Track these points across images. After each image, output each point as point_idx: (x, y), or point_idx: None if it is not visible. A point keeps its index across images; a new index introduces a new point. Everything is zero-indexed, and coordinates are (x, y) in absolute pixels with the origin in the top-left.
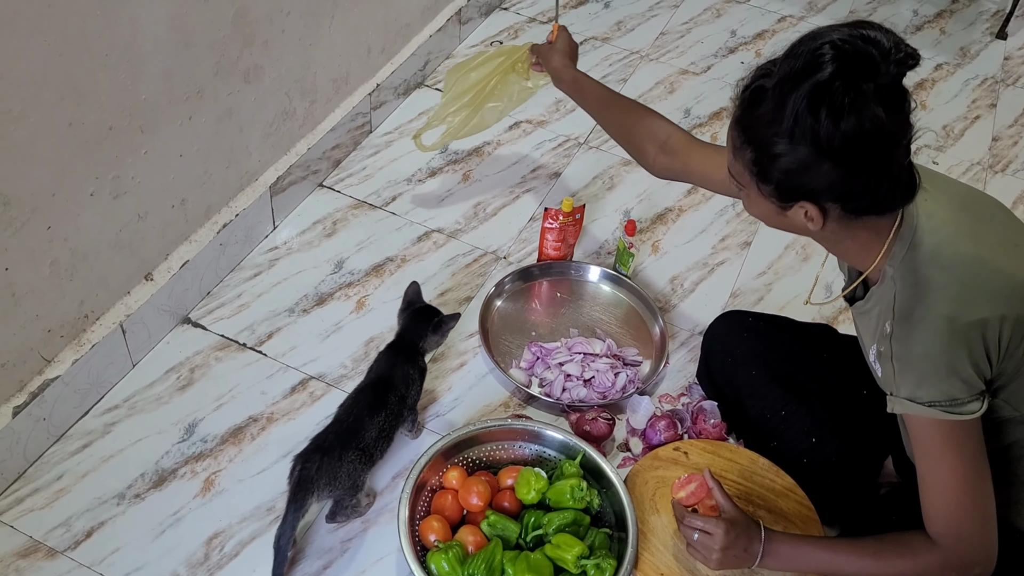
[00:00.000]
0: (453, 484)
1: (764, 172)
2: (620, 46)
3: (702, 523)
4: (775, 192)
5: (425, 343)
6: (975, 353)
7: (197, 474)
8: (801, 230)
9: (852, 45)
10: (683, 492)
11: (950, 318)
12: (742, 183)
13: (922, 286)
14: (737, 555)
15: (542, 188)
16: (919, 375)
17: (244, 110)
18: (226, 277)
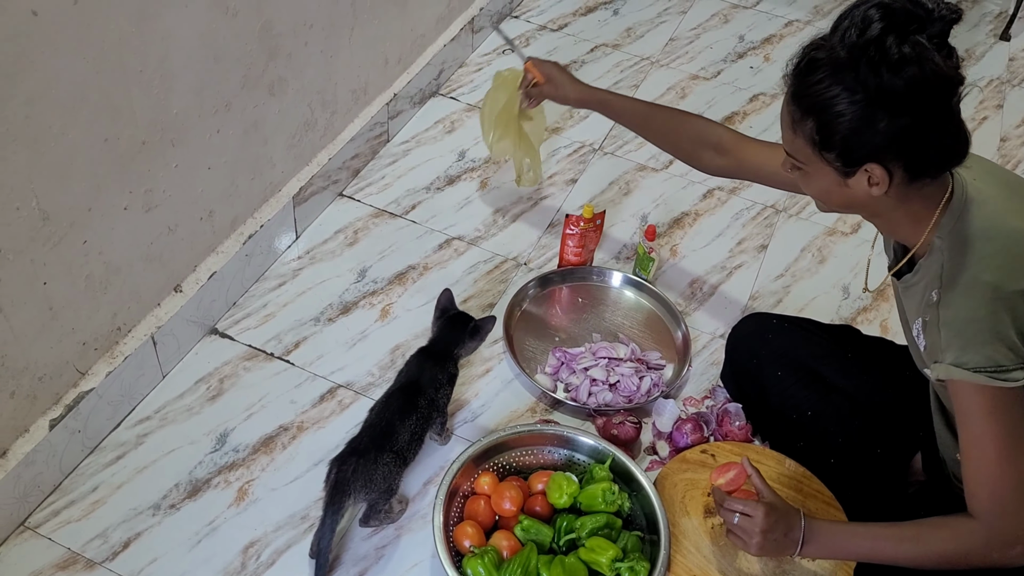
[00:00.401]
0: (485, 490)
1: (827, 138)
2: (630, 52)
3: (743, 506)
4: (839, 159)
5: (462, 349)
6: (1020, 321)
7: (230, 484)
8: (861, 202)
9: (899, 3)
10: (722, 479)
11: (995, 286)
12: (802, 160)
13: (969, 254)
14: (778, 539)
15: (559, 195)
16: (965, 339)
17: (269, 122)
18: (251, 287)
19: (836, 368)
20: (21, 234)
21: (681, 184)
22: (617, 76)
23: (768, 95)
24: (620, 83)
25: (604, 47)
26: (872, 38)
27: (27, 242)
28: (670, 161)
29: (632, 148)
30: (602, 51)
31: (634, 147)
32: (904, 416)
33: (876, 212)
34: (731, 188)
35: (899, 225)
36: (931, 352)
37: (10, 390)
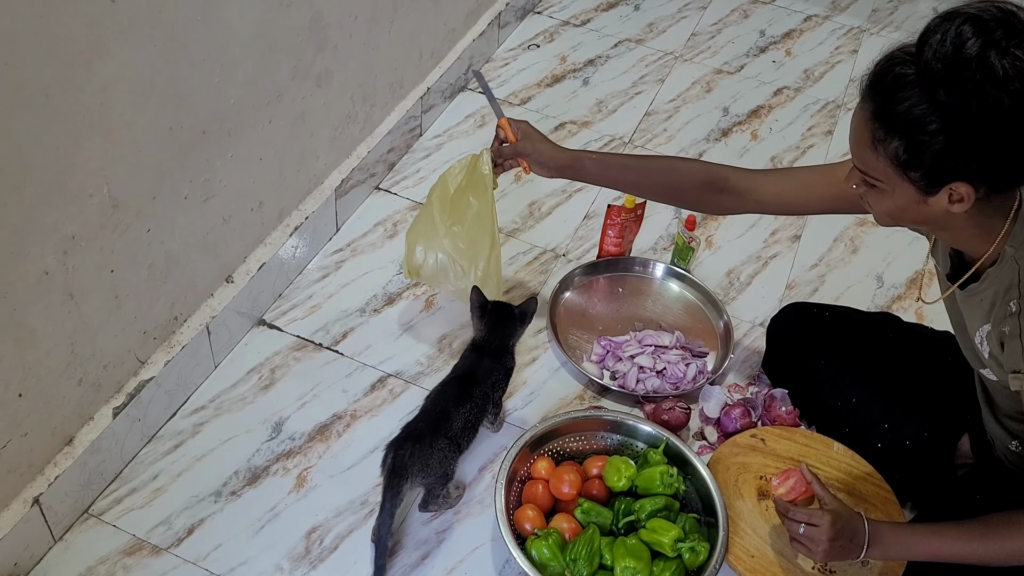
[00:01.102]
0: (543, 474)
1: (915, 157)
2: (654, 47)
3: (807, 515)
4: (924, 178)
5: (515, 339)
6: None
7: (289, 471)
8: (936, 219)
9: (990, 15)
10: (783, 488)
11: None
12: (879, 179)
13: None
14: (844, 546)
15: (593, 187)
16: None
17: (315, 114)
18: (296, 279)
19: (878, 355)
20: (92, 221)
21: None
22: (642, 71)
23: (792, 89)
24: (646, 77)
25: (628, 42)
26: (972, 55)
27: (97, 229)
28: (700, 154)
29: (662, 142)
30: (626, 46)
31: (663, 140)
32: (949, 400)
33: (946, 226)
34: None
35: (968, 237)
36: (1010, 361)
37: (78, 377)
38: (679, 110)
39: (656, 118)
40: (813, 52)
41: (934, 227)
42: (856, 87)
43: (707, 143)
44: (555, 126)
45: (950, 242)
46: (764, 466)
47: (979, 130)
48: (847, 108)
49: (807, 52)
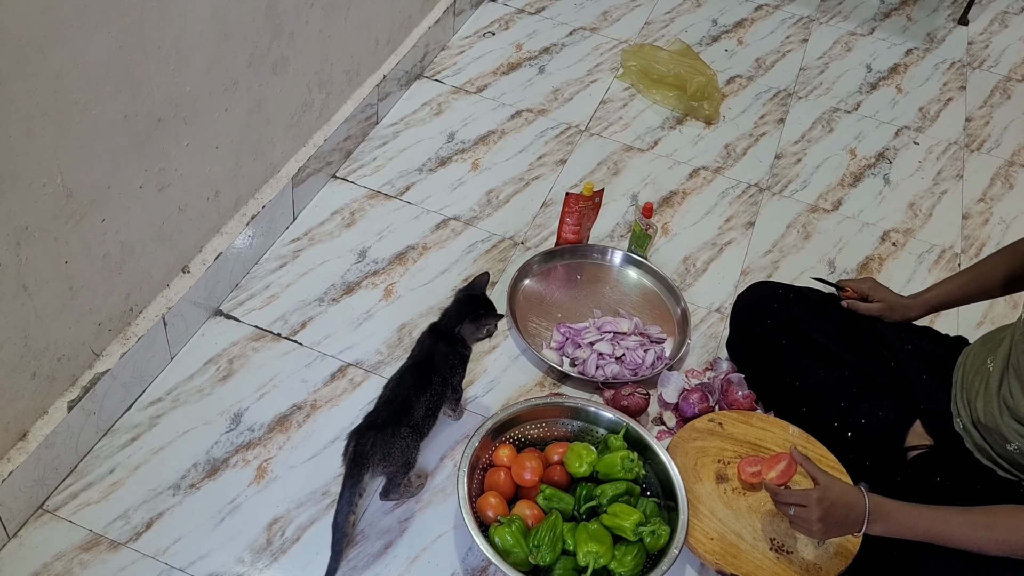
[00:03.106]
0: (504, 461)
1: None
2: (608, 35)
3: (795, 497)
4: None
5: (461, 330)
6: None
7: (249, 462)
8: None
9: None
10: (773, 472)
11: None
12: None
13: None
14: (839, 521)
15: (550, 175)
16: None
17: (271, 102)
18: (253, 269)
19: (838, 337)
20: (46, 211)
21: (667, 164)
22: (597, 59)
23: (744, 77)
24: (601, 65)
25: (582, 30)
26: None
27: (51, 219)
28: (655, 141)
29: (618, 129)
30: (580, 34)
31: (619, 128)
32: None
33: None
34: (715, 168)
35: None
36: None
37: (31, 370)
38: (634, 98)
39: (612, 106)
40: (764, 41)
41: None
42: (807, 76)
43: (662, 131)
44: (511, 114)
45: None
46: (722, 450)
47: None
48: (798, 96)
49: (759, 41)
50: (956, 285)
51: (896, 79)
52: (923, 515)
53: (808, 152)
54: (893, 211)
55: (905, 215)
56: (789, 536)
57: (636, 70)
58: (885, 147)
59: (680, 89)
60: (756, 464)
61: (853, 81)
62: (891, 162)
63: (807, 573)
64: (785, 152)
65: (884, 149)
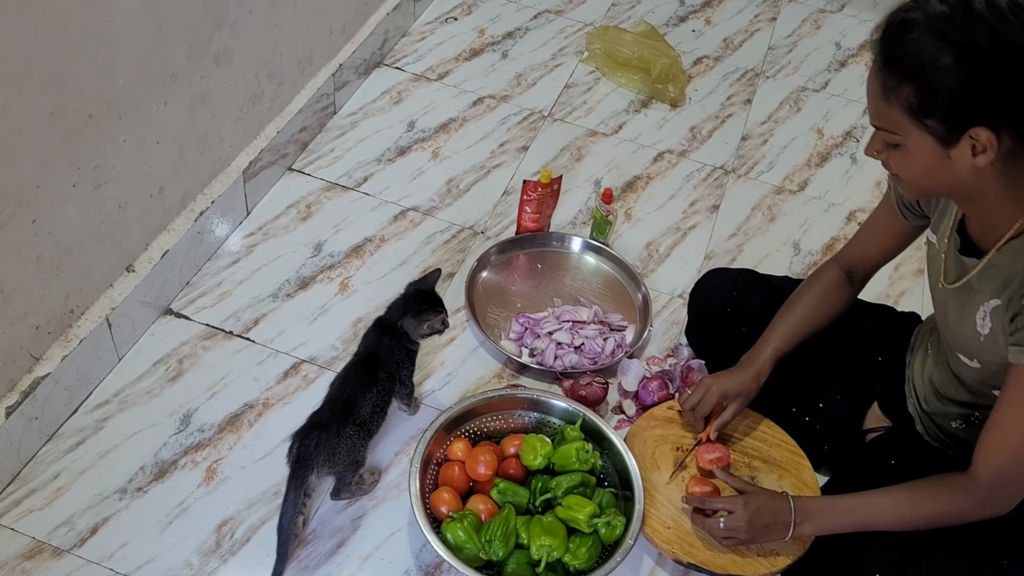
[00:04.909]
0: (459, 456)
1: (929, 100)
2: (574, 18)
3: (721, 503)
4: (943, 123)
5: (404, 324)
6: None
7: (198, 464)
8: (962, 179)
9: None
10: (698, 488)
11: None
12: (897, 132)
13: None
14: (768, 525)
15: (512, 162)
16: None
17: (216, 94)
18: (204, 265)
19: None
20: None
21: (632, 148)
22: (562, 42)
23: (711, 58)
24: (566, 49)
25: (547, 13)
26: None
27: None
28: (619, 125)
29: (582, 114)
30: (545, 17)
31: (583, 112)
32: (861, 366)
33: (974, 193)
34: (680, 151)
35: (995, 207)
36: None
37: None
38: (599, 81)
39: (576, 90)
40: (732, 20)
41: (962, 195)
42: (775, 55)
43: (627, 114)
44: (473, 101)
45: (976, 214)
46: (681, 437)
47: (991, 67)
48: (766, 76)
49: (726, 21)
50: (788, 331)
51: (865, 56)
52: (848, 506)
53: (775, 133)
54: (860, 191)
55: (872, 194)
56: None
57: (601, 53)
58: (853, 126)
59: (645, 72)
60: (715, 451)
61: (822, 59)
62: (859, 141)
63: (765, 559)
64: (752, 133)
65: (852, 128)
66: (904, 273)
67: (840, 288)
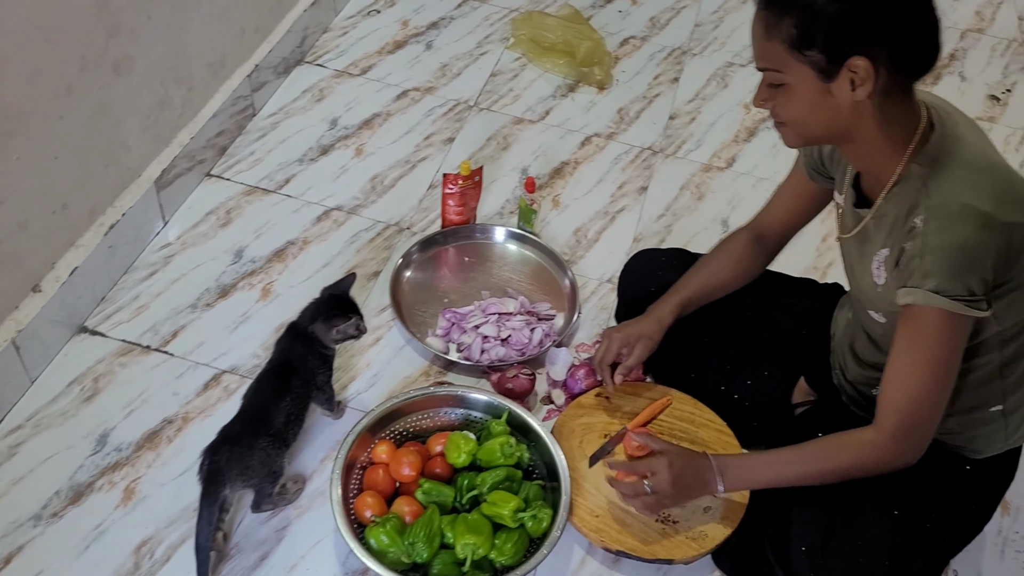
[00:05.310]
0: (383, 458)
1: (807, 31)
2: (499, 5)
3: (644, 465)
4: (822, 52)
5: (314, 330)
6: (999, 254)
7: (116, 484)
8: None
9: None
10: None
11: (988, 215)
12: (780, 68)
13: (961, 183)
14: (690, 484)
15: (437, 155)
16: (953, 267)
17: (118, 104)
18: (120, 280)
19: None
20: None
21: (559, 134)
22: (487, 30)
23: (638, 38)
24: (491, 37)
25: (472, 1)
26: None
27: None
28: (546, 111)
29: (508, 102)
30: (470, 5)
31: (509, 100)
32: (787, 343)
33: (855, 134)
34: (608, 134)
35: (875, 151)
36: (905, 276)
37: None
38: (525, 68)
39: (502, 78)
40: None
41: (845, 137)
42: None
43: (554, 99)
44: (397, 95)
45: (858, 159)
46: (608, 424)
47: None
48: (693, 54)
49: (650, 3)
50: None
51: None
52: (763, 462)
53: (702, 110)
54: (787, 164)
55: None
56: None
57: (526, 39)
58: None
59: (570, 56)
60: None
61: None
62: None
63: (694, 541)
64: (679, 112)
65: None
66: (831, 244)
67: (749, 251)
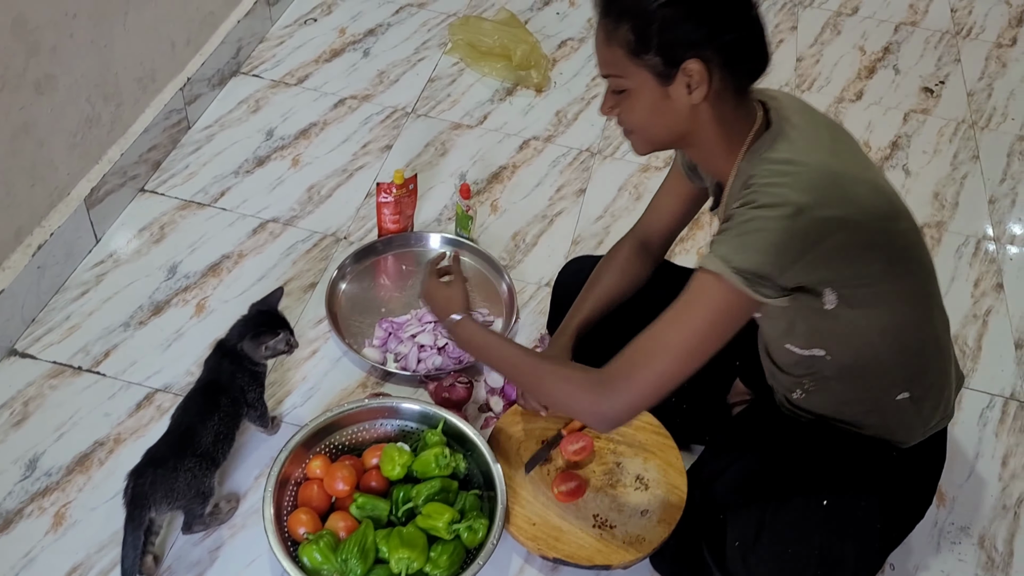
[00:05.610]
0: (317, 473)
1: (644, 36)
2: (437, 10)
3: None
4: (658, 56)
5: (243, 347)
6: (808, 246)
7: (45, 510)
8: (682, 119)
9: None
10: (572, 446)
11: (800, 206)
12: (621, 73)
13: (781, 175)
14: (438, 304)
15: (375, 163)
16: (745, 241)
17: (41, 123)
18: (50, 300)
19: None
20: None
21: (497, 138)
22: (425, 35)
23: (576, 40)
24: (429, 42)
25: (410, 7)
26: None
27: None
28: (484, 116)
29: (446, 107)
30: (408, 11)
31: (448, 106)
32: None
33: (695, 137)
34: (546, 137)
35: (715, 153)
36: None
37: None
38: (463, 73)
39: (440, 84)
40: None
41: (686, 141)
42: None
43: (492, 104)
44: (334, 103)
45: (702, 161)
46: (545, 430)
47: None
48: None
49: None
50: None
51: None
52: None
53: None
54: None
55: None
56: (612, 510)
57: (464, 44)
58: None
59: (508, 59)
60: (578, 441)
61: None
62: None
63: (630, 545)
64: None
65: None
66: None
67: (636, 260)
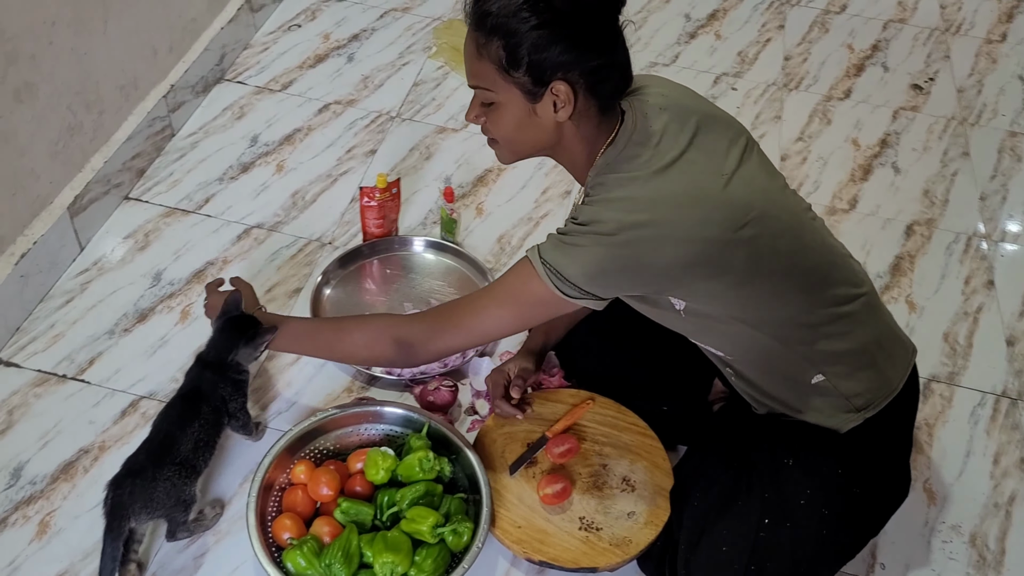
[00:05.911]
0: (301, 478)
1: (514, 54)
2: (421, 14)
3: None
4: (527, 75)
5: (237, 355)
6: (623, 270)
7: (30, 518)
8: (548, 135)
9: None
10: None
11: (619, 228)
12: (491, 90)
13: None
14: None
15: (359, 168)
16: (562, 244)
17: (21, 132)
18: (35, 309)
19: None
20: None
21: (482, 141)
22: (409, 40)
23: None
24: (413, 47)
25: (394, 12)
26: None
27: None
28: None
29: (431, 111)
30: (392, 16)
31: (432, 109)
32: None
33: (560, 152)
34: None
35: (577, 166)
36: None
37: None
38: (447, 76)
39: (425, 88)
40: None
41: (549, 152)
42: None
43: None
44: (319, 109)
45: (568, 169)
46: (530, 433)
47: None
48: None
49: None
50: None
51: (715, 26)
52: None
53: None
54: None
55: None
56: (598, 512)
57: (448, 47)
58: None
59: None
60: (564, 443)
61: (671, 33)
62: None
63: (617, 547)
64: None
65: None
66: None
67: None
